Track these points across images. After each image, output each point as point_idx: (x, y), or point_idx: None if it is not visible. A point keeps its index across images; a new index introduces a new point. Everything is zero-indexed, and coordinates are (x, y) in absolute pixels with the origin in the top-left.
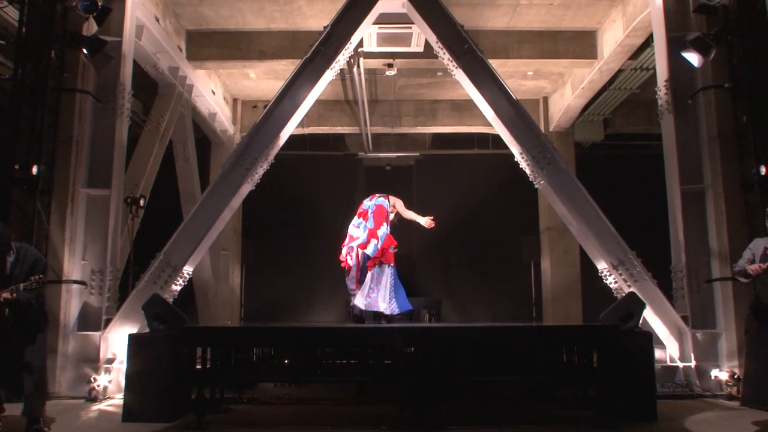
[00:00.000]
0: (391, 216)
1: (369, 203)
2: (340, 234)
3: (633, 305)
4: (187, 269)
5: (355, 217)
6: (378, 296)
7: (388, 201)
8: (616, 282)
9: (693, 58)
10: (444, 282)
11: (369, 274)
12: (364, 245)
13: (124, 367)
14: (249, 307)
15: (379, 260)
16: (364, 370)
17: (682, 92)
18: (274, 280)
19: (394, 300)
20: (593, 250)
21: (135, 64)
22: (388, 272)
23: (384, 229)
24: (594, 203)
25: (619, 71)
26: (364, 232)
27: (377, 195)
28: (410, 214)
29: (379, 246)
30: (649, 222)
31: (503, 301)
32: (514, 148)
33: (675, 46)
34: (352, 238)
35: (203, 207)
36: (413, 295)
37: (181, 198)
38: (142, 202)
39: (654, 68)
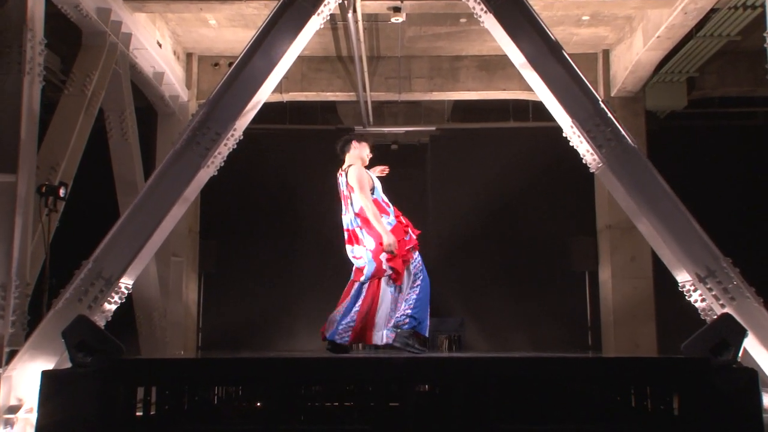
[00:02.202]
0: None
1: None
2: (329, 233)
3: (728, 332)
4: (125, 282)
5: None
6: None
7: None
8: (703, 299)
9: None
10: (468, 298)
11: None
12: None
13: (34, 417)
14: (209, 331)
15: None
16: (363, 415)
17: None
18: (242, 295)
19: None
20: (671, 257)
21: (48, 2)
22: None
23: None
24: (673, 193)
25: (712, 11)
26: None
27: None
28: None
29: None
30: (751, 219)
31: (548, 323)
32: (563, 120)
33: None
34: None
35: (147, 199)
36: None
37: (116, 186)
38: (62, 191)
39: (763, 5)
